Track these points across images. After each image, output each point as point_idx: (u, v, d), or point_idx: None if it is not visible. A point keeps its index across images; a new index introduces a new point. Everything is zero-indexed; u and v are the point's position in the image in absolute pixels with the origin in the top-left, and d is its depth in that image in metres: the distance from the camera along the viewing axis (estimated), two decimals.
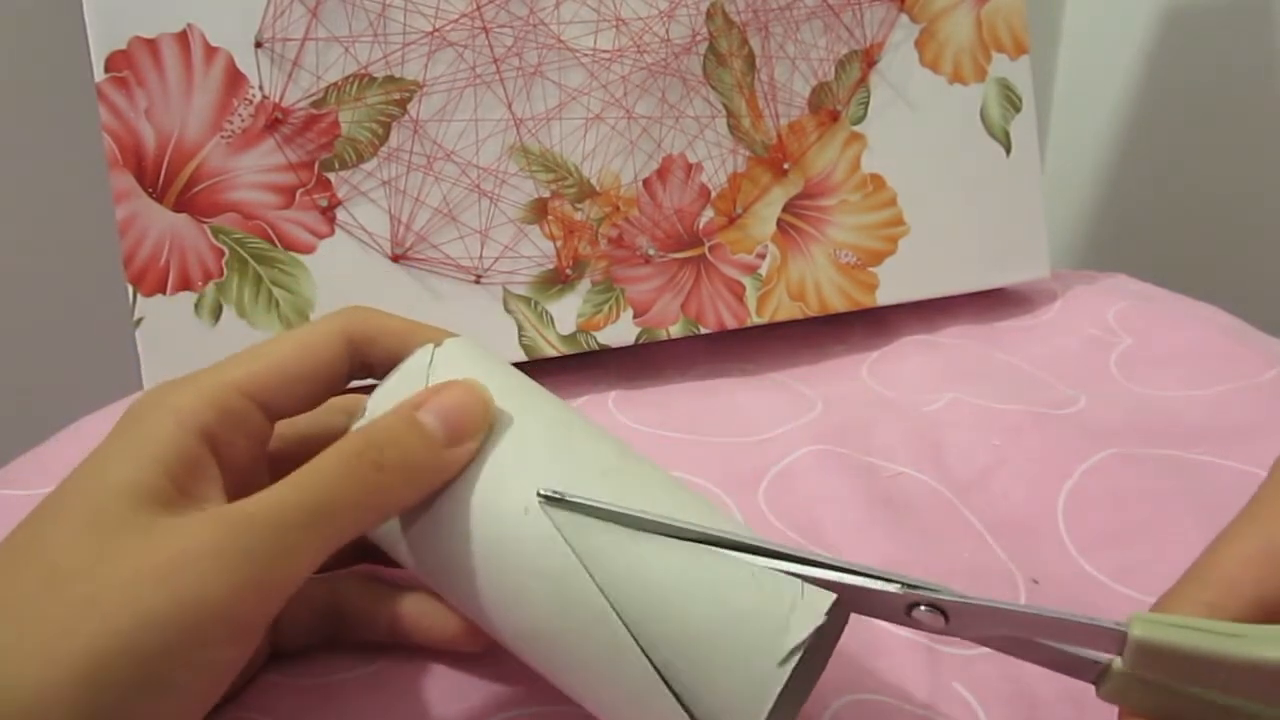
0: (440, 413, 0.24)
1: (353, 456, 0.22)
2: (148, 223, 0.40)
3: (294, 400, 0.25)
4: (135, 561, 0.20)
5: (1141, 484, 0.35)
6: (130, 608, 0.19)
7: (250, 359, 0.25)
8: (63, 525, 0.21)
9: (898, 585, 0.21)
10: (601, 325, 0.45)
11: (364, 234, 0.42)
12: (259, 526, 0.21)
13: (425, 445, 0.23)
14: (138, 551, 0.20)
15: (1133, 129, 0.84)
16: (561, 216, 0.44)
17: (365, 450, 0.23)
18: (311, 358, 0.25)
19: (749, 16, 0.45)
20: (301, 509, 0.21)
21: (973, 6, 0.48)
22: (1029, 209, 0.49)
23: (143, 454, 0.22)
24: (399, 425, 0.23)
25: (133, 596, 0.19)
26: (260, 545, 0.21)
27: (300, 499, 0.22)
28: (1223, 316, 0.48)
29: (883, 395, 0.43)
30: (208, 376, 0.24)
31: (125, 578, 0.20)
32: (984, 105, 0.48)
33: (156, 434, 0.23)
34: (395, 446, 0.23)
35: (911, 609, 0.22)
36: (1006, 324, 0.50)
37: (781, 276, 0.46)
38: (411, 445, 0.23)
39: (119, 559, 0.20)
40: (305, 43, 0.41)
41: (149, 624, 0.19)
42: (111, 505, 0.21)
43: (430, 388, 0.25)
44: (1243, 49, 0.72)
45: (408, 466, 0.23)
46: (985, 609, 0.21)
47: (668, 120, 0.45)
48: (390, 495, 0.23)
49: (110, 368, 0.49)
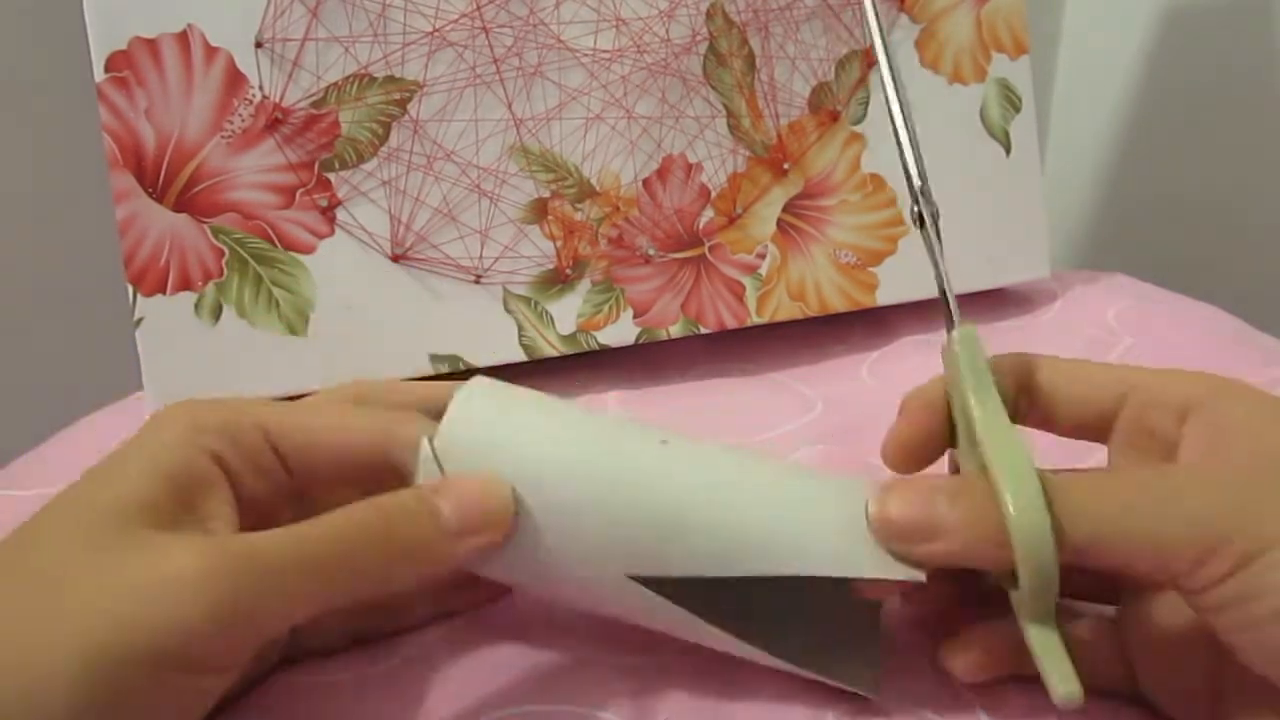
0: (457, 501, 0.24)
1: (364, 526, 0.22)
2: (148, 223, 0.40)
3: (314, 466, 0.25)
4: (125, 576, 0.20)
5: None
6: (114, 625, 0.19)
7: (288, 408, 0.25)
8: (58, 534, 0.21)
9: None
10: (601, 325, 0.45)
11: (364, 234, 0.42)
12: (253, 564, 0.21)
13: (435, 531, 0.23)
14: (130, 566, 0.20)
15: (1133, 129, 0.84)
16: (561, 216, 0.44)
17: (374, 522, 0.23)
18: (344, 440, 0.25)
19: (749, 16, 0.45)
20: (300, 560, 0.21)
21: (973, 6, 0.48)
22: (1029, 209, 0.49)
23: (151, 467, 0.22)
24: (412, 504, 0.23)
25: (117, 613, 0.19)
26: (250, 583, 0.20)
27: (301, 550, 0.21)
28: (1223, 316, 0.48)
29: (883, 395, 0.43)
30: (237, 405, 0.24)
31: (114, 593, 0.20)
32: (984, 105, 0.48)
33: (169, 447, 0.23)
34: (404, 526, 0.23)
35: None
36: (1006, 324, 0.50)
37: (781, 276, 0.46)
38: (421, 529, 0.23)
39: (109, 573, 0.20)
40: (305, 43, 0.41)
41: (123, 642, 0.19)
42: (109, 518, 0.21)
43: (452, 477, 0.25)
44: (1243, 49, 0.72)
45: (412, 548, 0.23)
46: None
47: (668, 120, 0.45)
48: (391, 572, 0.23)
49: (110, 368, 0.49)
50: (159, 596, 0.20)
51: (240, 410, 0.24)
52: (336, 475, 0.26)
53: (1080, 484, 0.22)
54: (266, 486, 0.24)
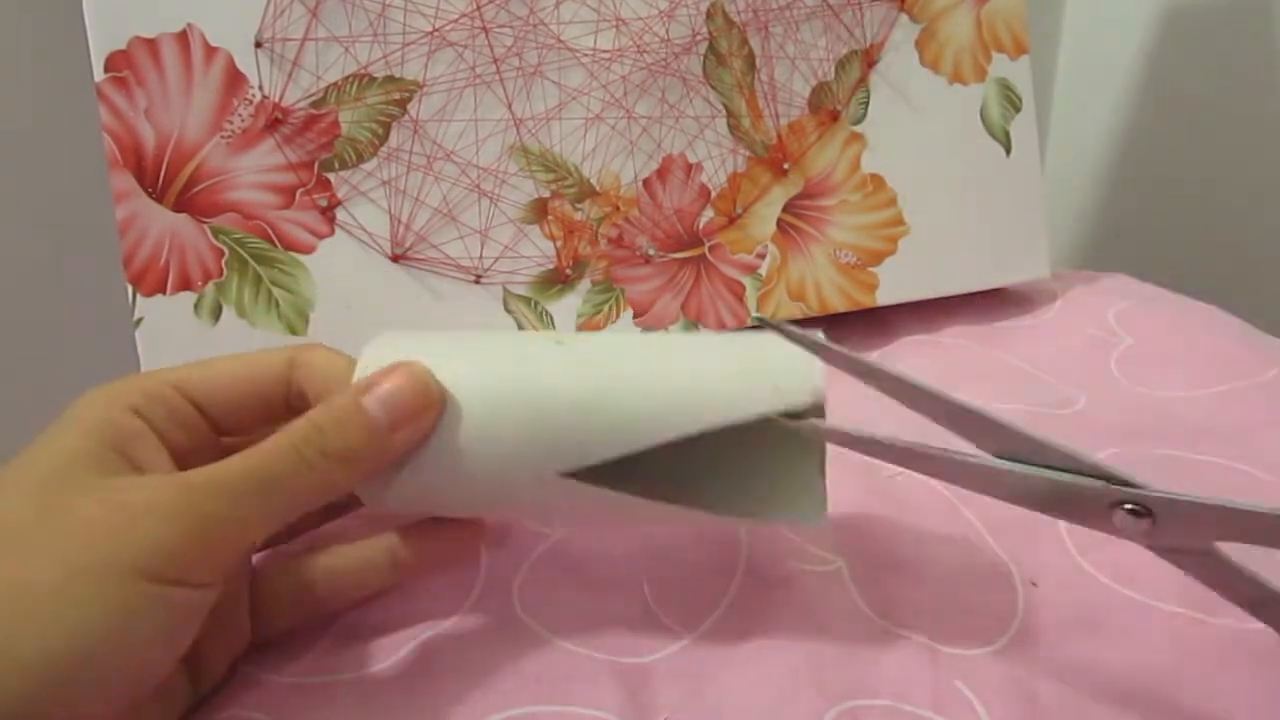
0: (384, 398, 0.25)
1: (300, 441, 0.24)
2: (148, 223, 0.40)
3: (229, 407, 0.27)
4: (84, 514, 0.21)
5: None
6: (89, 554, 0.21)
7: (192, 365, 0.27)
8: (11, 491, 0.22)
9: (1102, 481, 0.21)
10: (601, 325, 0.45)
11: (364, 234, 0.42)
12: (210, 489, 0.23)
13: (368, 434, 0.25)
14: (86, 506, 0.22)
15: (1133, 129, 0.84)
16: (561, 216, 0.44)
17: (311, 436, 0.24)
18: (249, 372, 0.27)
19: (749, 16, 0.45)
20: (250, 479, 0.23)
21: (973, 6, 0.48)
22: (1029, 209, 0.49)
23: (80, 430, 0.24)
24: (345, 411, 0.25)
25: (91, 543, 0.21)
26: (210, 505, 0.22)
27: (249, 470, 0.23)
28: (1223, 316, 0.48)
29: (883, 395, 0.43)
30: (142, 374, 0.26)
31: (73, 528, 0.21)
32: (984, 105, 0.48)
33: (89, 412, 0.24)
34: (340, 436, 0.24)
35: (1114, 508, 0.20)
36: (1006, 324, 0.50)
37: (781, 276, 0.46)
38: (355, 433, 0.25)
39: (66, 513, 0.21)
40: (305, 43, 0.41)
41: (108, 565, 0.21)
42: (58, 469, 0.22)
43: (378, 371, 0.26)
44: (1243, 49, 0.72)
45: (349, 454, 0.25)
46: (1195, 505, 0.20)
47: (668, 120, 0.45)
48: (333, 477, 0.24)
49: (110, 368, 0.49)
50: (129, 525, 0.21)
51: (149, 374, 0.26)
52: (252, 413, 0.27)
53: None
54: (190, 437, 0.26)
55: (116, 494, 0.22)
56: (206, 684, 0.27)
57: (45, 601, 0.20)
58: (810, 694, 0.26)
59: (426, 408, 0.26)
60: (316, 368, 0.28)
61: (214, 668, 0.27)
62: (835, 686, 0.27)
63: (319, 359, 0.28)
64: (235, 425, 0.27)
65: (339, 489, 0.25)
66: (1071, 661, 0.27)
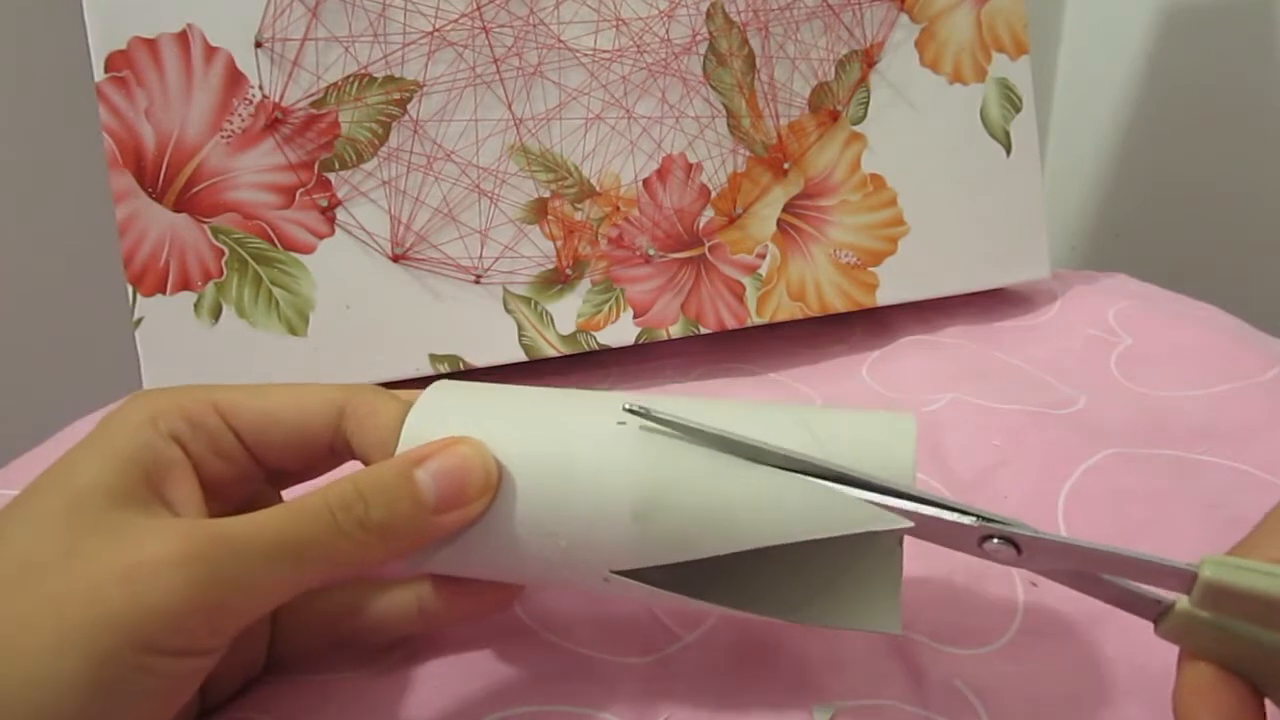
0: (438, 474, 0.23)
1: (339, 507, 0.22)
2: (148, 223, 0.40)
3: (274, 441, 0.25)
4: (104, 561, 0.20)
5: (1141, 484, 0.35)
6: (92, 608, 0.19)
7: (241, 390, 0.25)
8: (36, 520, 0.21)
9: (973, 519, 0.23)
10: (601, 325, 0.45)
11: (364, 234, 0.42)
12: (229, 548, 0.21)
13: (414, 509, 0.23)
14: (108, 551, 0.20)
15: (1133, 129, 0.84)
16: (561, 216, 0.44)
17: (352, 504, 0.22)
18: (298, 409, 0.25)
19: (749, 16, 0.45)
20: (276, 543, 0.21)
21: (973, 6, 0.48)
22: (1029, 209, 0.49)
23: (116, 453, 0.22)
24: (392, 482, 0.23)
25: (96, 597, 0.20)
26: (227, 567, 0.21)
27: (277, 533, 0.21)
28: (1223, 316, 0.48)
29: (883, 395, 0.43)
30: (192, 390, 0.25)
31: (92, 577, 0.20)
32: (984, 105, 0.48)
33: (129, 434, 0.23)
34: (383, 508, 0.22)
35: (983, 541, 0.23)
36: (1006, 324, 0.50)
37: (781, 276, 0.46)
38: (400, 508, 0.23)
39: (89, 557, 0.20)
40: (305, 43, 0.41)
41: (107, 626, 0.19)
42: (85, 502, 0.21)
43: (435, 442, 0.24)
44: (1243, 49, 0.72)
45: (389, 529, 0.23)
46: (1056, 545, 0.22)
47: (668, 120, 0.45)
48: (368, 552, 0.23)
49: (110, 368, 0.49)
50: (139, 580, 0.20)
51: (195, 395, 0.24)
52: (296, 452, 0.25)
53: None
54: (228, 468, 0.25)
55: (132, 541, 0.20)
56: (214, 702, 0.26)
57: (37, 653, 0.19)
58: (810, 693, 0.26)
59: (483, 493, 0.23)
60: (365, 416, 0.25)
61: (225, 688, 0.26)
62: (835, 686, 0.27)
63: (370, 407, 0.26)
64: (276, 461, 0.26)
65: (371, 564, 0.23)
66: (1071, 661, 0.27)
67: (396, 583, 0.28)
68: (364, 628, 0.27)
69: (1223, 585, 0.19)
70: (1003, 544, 0.22)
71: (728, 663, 0.28)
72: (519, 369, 0.44)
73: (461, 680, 0.27)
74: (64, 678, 0.19)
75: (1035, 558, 0.22)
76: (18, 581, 0.20)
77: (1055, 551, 0.22)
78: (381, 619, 0.27)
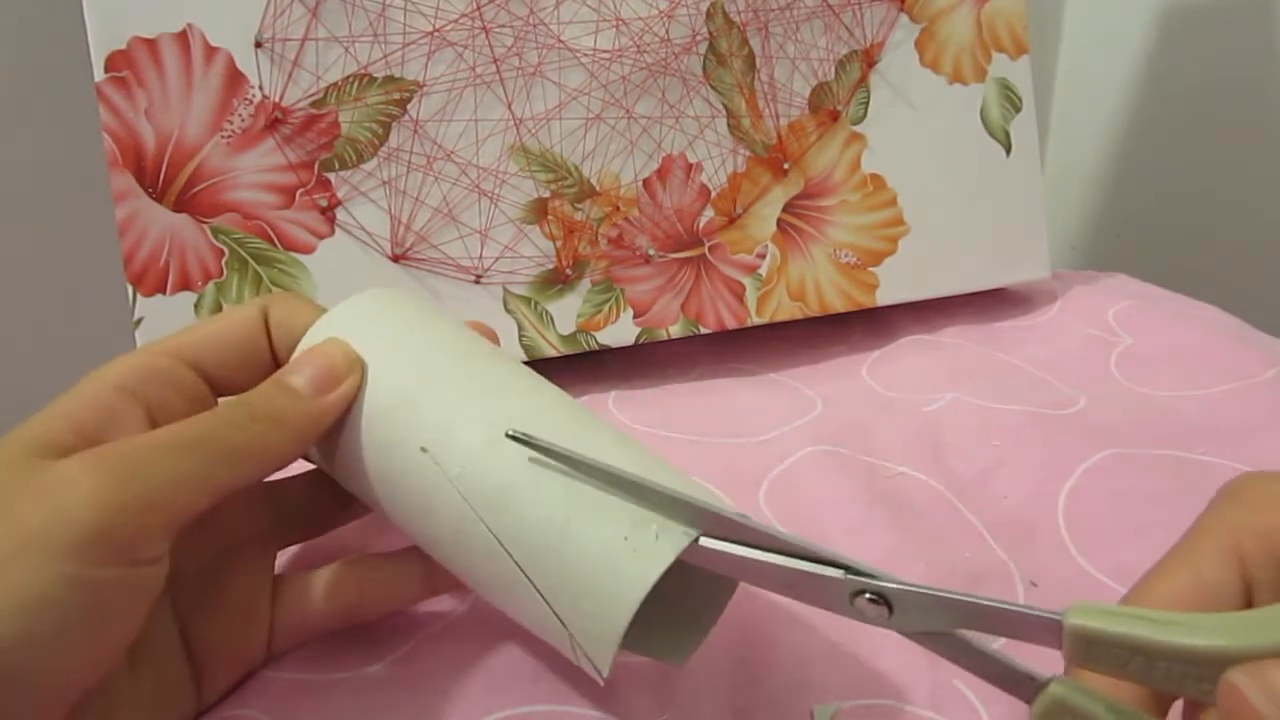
0: (306, 373, 0.26)
1: (226, 409, 0.25)
2: (148, 223, 0.40)
3: (220, 361, 0.27)
4: (20, 491, 0.21)
5: (1141, 484, 0.35)
6: (13, 536, 0.20)
7: (181, 332, 0.27)
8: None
9: (841, 571, 0.21)
10: (601, 325, 0.45)
11: (364, 234, 0.42)
12: (132, 453, 0.22)
13: (292, 397, 0.26)
14: (23, 486, 0.21)
15: (1133, 129, 0.84)
16: (561, 216, 0.44)
17: (238, 405, 0.25)
18: (230, 324, 0.28)
19: (749, 16, 0.45)
20: (174, 440, 0.23)
21: (973, 6, 0.48)
22: (1029, 209, 0.49)
23: (55, 410, 0.24)
24: (267, 386, 0.26)
25: (16, 524, 0.20)
26: (134, 468, 0.22)
27: (173, 432, 0.23)
28: (1223, 316, 0.48)
29: (883, 395, 0.43)
30: (145, 346, 0.27)
31: (8, 507, 0.21)
32: (984, 105, 0.48)
33: (73, 391, 0.24)
34: (265, 401, 0.25)
35: (855, 597, 0.21)
36: (1006, 324, 0.50)
37: (781, 276, 0.46)
38: (279, 398, 0.26)
39: (5, 494, 0.21)
40: (305, 43, 0.41)
41: (28, 544, 0.20)
42: (12, 455, 0.22)
43: (298, 356, 0.27)
44: (1243, 49, 0.72)
45: (276, 415, 0.25)
46: (929, 598, 0.21)
47: (668, 120, 0.45)
48: (266, 441, 0.25)
49: None
50: (48, 496, 0.21)
51: (148, 348, 0.27)
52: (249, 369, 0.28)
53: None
54: (192, 405, 0.26)
55: (43, 477, 0.21)
56: (213, 695, 0.27)
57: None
58: (810, 693, 0.27)
59: (349, 369, 0.26)
60: (283, 319, 0.28)
61: (223, 679, 0.27)
62: (835, 686, 0.27)
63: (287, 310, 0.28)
64: (235, 384, 0.28)
65: (279, 451, 0.25)
66: None
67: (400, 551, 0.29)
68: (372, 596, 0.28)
69: (1092, 634, 0.18)
70: (874, 601, 0.21)
71: (728, 663, 0.28)
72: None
73: (461, 680, 0.27)
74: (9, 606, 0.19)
75: (910, 615, 0.21)
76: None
77: (924, 605, 0.21)
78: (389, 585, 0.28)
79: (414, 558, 0.28)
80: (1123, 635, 0.18)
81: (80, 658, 0.21)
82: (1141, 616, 0.18)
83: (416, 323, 0.28)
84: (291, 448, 0.26)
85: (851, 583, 0.21)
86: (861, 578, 0.21)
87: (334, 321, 0.28)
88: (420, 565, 0.28)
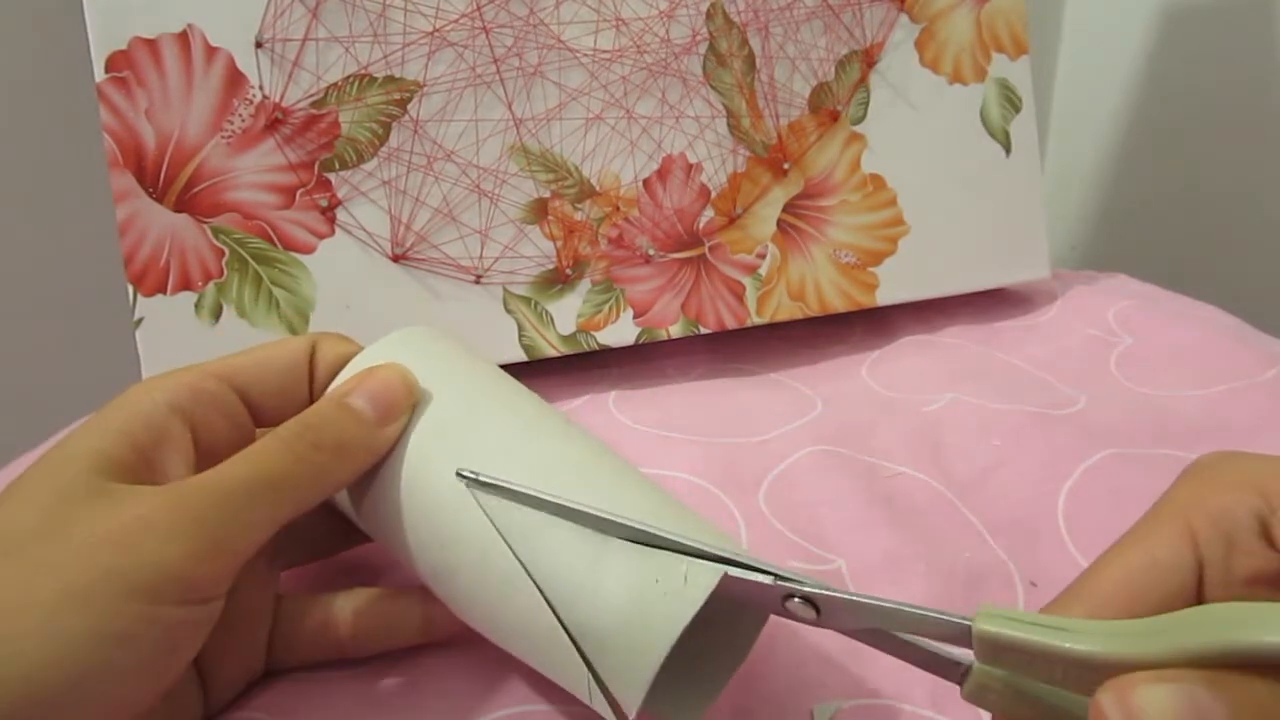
0: (368, 395, 0.26)
1: (292, 439, 0.25)
2: (148, 223, 0.40)
3: (263, 389, 0.27)
4: (95, 526, 0.21)
5: (1141, 484, 0.35)
6: (88, 569, 0.20)
7: (234, 356, 0.28)
8: (28, 492, 0.22)
9: (770, 576, 0.22)
10: (601, 325, 0.45)
11: (364, 234, 0.42)
12: (208, 497, 0.22)
13: (357, 425, 0.25)
14: (97, 517, 0.21)
15: (1133, 129, 0.84)
16: (561, 216, 0.44)
17: (303, 433, 0.25)
18: (280, 354, 0.28)
19: (749, 16, 0.45)
20: (247, 482, 0.23)
21: (973, 6, 0.48)
22: (1029, 209, 0.49)
23: (110, 425, 0.24)
24: (331, 410, 0.26)
25: (90, 558, 0.21)
26: (210, 514, 0.22)
27: (246, 474, 0.23)
28: (1223, 316, 0.48)
29: (883, 395, 0.43)
30: (189, 367, 0.27)
31: (84, 541, 0.21)
32: (984, 105, 0.48)
33: (126, 407, 0.24)
34: (330, 428, 0.25)
35: (786, 600, 0.22)
36: (1006, 324, 0.50)
37: (781, 276, 0.46)
38: (345, 426, 0.25)
39: (79, 524, 0.21)
40: (305, 43, 0.41)
41: (104, 582, 0.20)
42: (74, 473, 0.22)
43: (358, 374, 0.27)
44: (1243, 49, 0.72)
45: (342, 445, 0.25)
46: (849, 602, 0.22)
47: (668, 120, 0.45)
48: (327, 472, 0.25)
49: (110, 368, 0.49)
50: (133, 540, 0.21)
51: (193, 369, 0.27)
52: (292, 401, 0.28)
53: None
54: (233, 430, 0.26)
55: (118, 508, 0.22)
56: (218, 704, 0.27)
57: (35, 622, 0.20)
58: (810, 693, 0.27)
59: (412, 399, 0.26)
60: (325, 360, 0.28)
61: (226, 690, 0.27)
62: (835, 686, 0.27)
63: (333, 349, 0.29)
64: (275, 415, 0.27)
65: (338, 484, 0.25)
66: None
67: (401, 591, 0.28)
68: (367, 634, 0.28)
69: (994, 638, 0.19)
70: (803, 603, 0.22)
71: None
72: (519, 369, 0.44)
73: (461, 680, 0.27)
74: (70, 632, 0.20)
75: (834, 618, 0.22)
76: (9, 550, 0.21)
77: (850, 610, 0.22)
78: (386, 625, 0.28)
79: (414, 600, 0.28)
80: (1020, 640, 0.18)
81: (150, 685, 0.22)
82: (1038, 622, 0.19)
83: (460, 358, 0.29)
84: (350, 479, 0.26)
85: (780, 588, 0.22)
86: (788, 583, 0.22)
87: (383, 351, 0.28)
88: (420, 609, 0.28)
